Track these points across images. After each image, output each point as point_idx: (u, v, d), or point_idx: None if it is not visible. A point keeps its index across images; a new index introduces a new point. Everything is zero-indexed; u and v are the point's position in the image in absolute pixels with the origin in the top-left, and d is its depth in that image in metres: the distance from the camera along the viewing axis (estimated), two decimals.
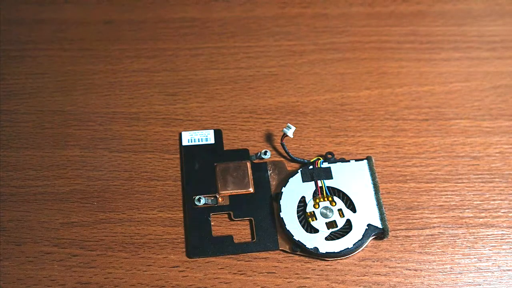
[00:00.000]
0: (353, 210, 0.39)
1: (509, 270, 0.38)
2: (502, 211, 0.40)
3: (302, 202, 0.39)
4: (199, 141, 0.42)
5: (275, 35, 0.49)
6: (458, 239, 0.39)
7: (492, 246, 0.38)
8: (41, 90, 0.45)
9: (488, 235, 0.39)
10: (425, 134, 0.43)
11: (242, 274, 0.37)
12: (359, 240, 0.38)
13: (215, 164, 0.41)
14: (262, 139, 0.43)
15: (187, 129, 0.43)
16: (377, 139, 0.43)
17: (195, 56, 0.48)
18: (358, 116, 0.44)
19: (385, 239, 0.38)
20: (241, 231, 0.39)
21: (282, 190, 0.39)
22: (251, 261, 0.38)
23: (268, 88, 0.46)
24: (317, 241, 0.37)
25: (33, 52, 0.47)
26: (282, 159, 0.42)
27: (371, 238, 0.38)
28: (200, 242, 0.38)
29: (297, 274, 0.37)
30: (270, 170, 0.41)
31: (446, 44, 0.49)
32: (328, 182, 0.40)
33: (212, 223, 0.39)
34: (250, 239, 0.38)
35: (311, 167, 0.41)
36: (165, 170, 0.41)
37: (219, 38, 0.49)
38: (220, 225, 0.39)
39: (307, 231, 0.38)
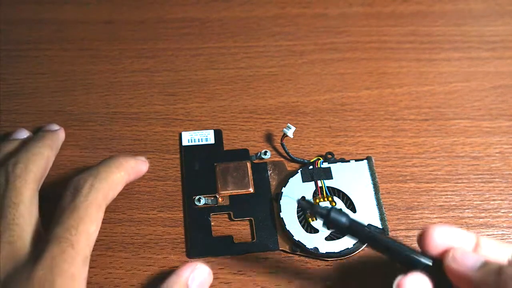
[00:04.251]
0: (353, 210, 0.39)
1: None
2: (502, 211, 0.40)
3: None
4: (199, 141, 0.42)
5: (275, 35, 0.49)
6: None
7: None
8: (41, 90, 0.45)
9: (488, 235, 0.39)
10: (425, 134, 0.43)
11: (242, 274, 0.37)
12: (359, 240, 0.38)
13: (215, 164, 0.41)
14: (262, 139, 0.43)
15: (187, 129, 0.43)
16: (377, 139, 0.43)
17: (195, 56, 0.48)
18: (358, 116, 0.44)
19: None
20: (241, 231, 0.39)
21: (282, 190, 0.39)
22: (251, 261, 0.38)
23: (268, 88, 0.46)
24: (317, 241, 0.37)
25: (33, 52, 0.47)
26: (282, 159, 0.42)
27: None
28: (200, 242, 0.38)
29: (297, 274, 0.37)
30: (270, 170, 0.41)
31: (446, 44, 0.49)
32: (328, 182, 0.40)
33: (212, 223, 0.39)
34: (250, 239, 0.38)
35: (311, 167, 0.41)
36: (165, 170, 0.41)
37: (219, 38, 0.49)
38: (220, 225, 0.39)
39: (307, 231, 0.38)
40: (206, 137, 0.42)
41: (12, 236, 0.32)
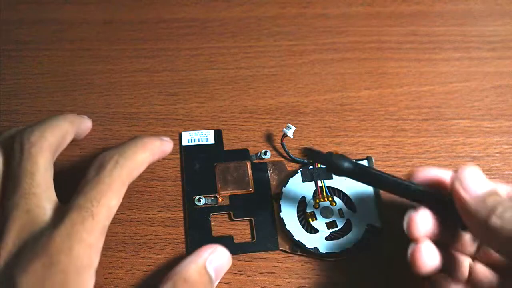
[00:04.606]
0: (353, 210, 0.39)
1: None
2: None
3: (302, 202, 0.39)
4: (199, 141, 0.42)
5: (275, 35, 0.49)
6: None
7: None
8: (41, 90, 0.45)
9: None
10: (425, 134, 0.43)
11: (242, 274, 0.37)
12: (359, 240, 0.38)
13: (215, 164, 0.41)
14: (262, 139, 0.43)
15: (187, 129, 0.43)
16: (377, 139, 0.43)
17: (195, 56, 0.48)
18: (358, 116, 0.44)
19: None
20: (241, 231, 0.39)
21: (282, 190, 0.39)
22: (251, 261, 0.38)
23: (268, 88, 0.46)
24: (317, 241, 0.37)
25: (33, 52, 0.47)
26: (282, 159, 0.42)
27: (371, 238, 0.38)
28: (200, 242, 0.38)
29: (297, 274, 0.37)
30: (270, 170, 0.41)
31: (446, 44, 0.49)
32: (328, 182, 0.40)
33: (212, 223, 0.39)
34: (250, 239, 0.38)
35: (311, 167, 0.41)
36: (165, 170, 0.41)
37: (219, 38, 0.49)
38: (220, 225, 0.39)
39: (307, 231, 0.38)
40: (206, 137, 0.42)
41: (29, 205, 0.32)
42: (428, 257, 0.32)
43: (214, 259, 0.34)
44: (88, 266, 0.31)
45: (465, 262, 0.34)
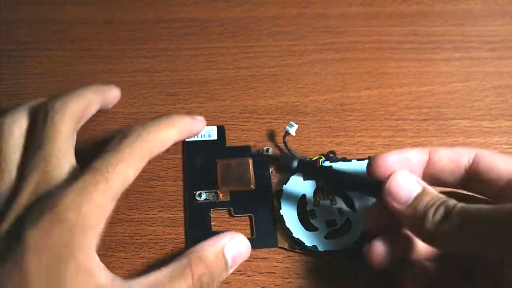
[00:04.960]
0: (353, 209, 0.39)
1: None
2: None
3: (303, 200, 0.39)
4: (202, 137, 0.42)
5: (275, 35, 0.49)
6: None
7: None
8: (41, 90, 0.45)
9: None
10: (425, 134, 0.43)
11: (242, 274, 0.37)
12: (359, 239, 0.37)
13: (217, 160, 0.41)
14: (262, 138, 0.43)
15: None
16: (377, 139, 0.43)
17: (195, 56, 0.48)
18: (358, 116, 0.44)
19: None
20: (240, 228, 0.38)
21: (283, 188, 0.39)
22: (251, 261, 0.37)
23: (268, 88, 0.46)
24: (316, 239, 0.37)
25: (33, 52, 0.47)
26: None
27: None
28: (200, 237, 0.37)
29: (297, 274, 0.37)
30: (271, 168, 0.41)
31: (446, 44, 0.49)
32: None
33: (212, 219, 0.38)
34: (250, 236, 0.38)
35: None
36: (165, 170, 0.41)
37: (219, 38, 0.49)
38: (220, 222, 0.39)
39: (306, 229, 0.38)
40: (209, 133, 0.42)
41: (48, 167, 0.33)
42: (380, 253, 0.33)
43: (234, 246, 0.34)
44: (94, 227, 0.31)
45: None
